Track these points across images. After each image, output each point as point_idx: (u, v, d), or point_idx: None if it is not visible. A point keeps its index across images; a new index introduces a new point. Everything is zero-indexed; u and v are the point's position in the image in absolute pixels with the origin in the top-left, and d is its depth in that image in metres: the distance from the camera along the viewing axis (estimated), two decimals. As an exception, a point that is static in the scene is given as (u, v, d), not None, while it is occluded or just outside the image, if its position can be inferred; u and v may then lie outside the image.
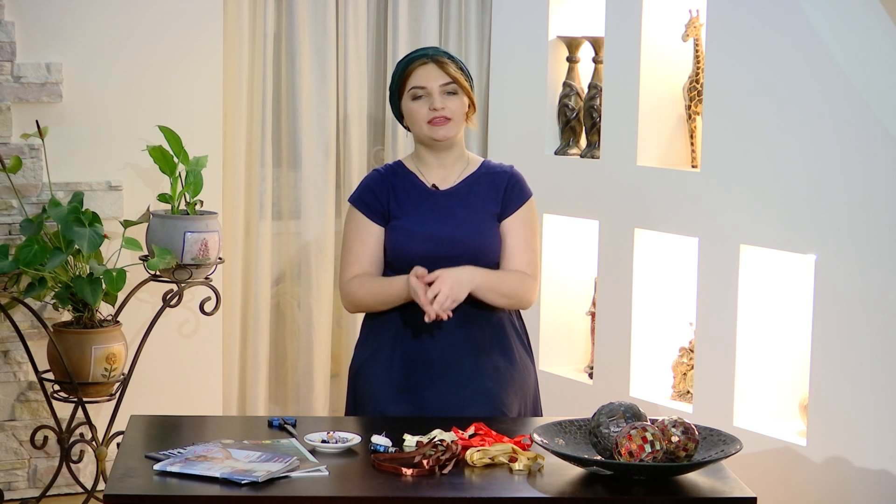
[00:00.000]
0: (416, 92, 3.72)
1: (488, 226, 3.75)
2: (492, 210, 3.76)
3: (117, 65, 4.91)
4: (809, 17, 4.15)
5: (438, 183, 3.78)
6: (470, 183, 3.78)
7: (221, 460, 3.10)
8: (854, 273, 4.05)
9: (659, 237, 4.78)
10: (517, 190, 3.81)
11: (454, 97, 3.72)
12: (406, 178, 3.78)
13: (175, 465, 3.07)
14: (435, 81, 3.71)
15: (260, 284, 5.27)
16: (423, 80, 3.71)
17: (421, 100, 3.72)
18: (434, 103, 3.69)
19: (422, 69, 3.72)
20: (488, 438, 3.27)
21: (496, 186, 3.78)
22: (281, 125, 5.34)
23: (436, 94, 3.70)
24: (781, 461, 4.25)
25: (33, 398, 4.86)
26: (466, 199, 3.76)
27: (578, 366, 5.25)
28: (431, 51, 3.78)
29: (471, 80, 3.79)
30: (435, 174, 3.78)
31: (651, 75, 4.75)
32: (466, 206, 3.74)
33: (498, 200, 3.77)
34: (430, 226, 3.72)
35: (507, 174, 3.82)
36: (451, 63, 3.74)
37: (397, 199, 3.76)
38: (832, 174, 4.11)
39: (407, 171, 3.80)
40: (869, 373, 4.02)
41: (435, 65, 3.72)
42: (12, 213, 4.76)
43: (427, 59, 3.73)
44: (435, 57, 3.74)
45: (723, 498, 2.99)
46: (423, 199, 3.75)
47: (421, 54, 3.76)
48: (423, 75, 3.72)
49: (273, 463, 3.09)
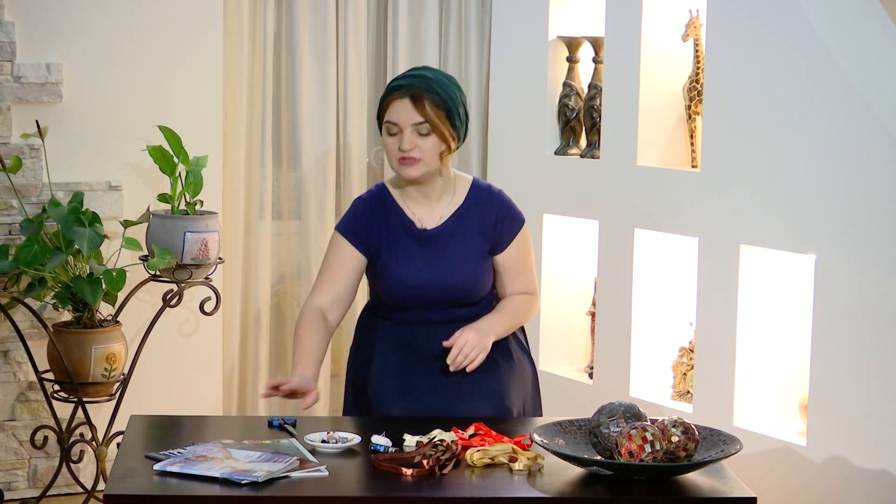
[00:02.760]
0: (389, 127, 3.59)
1: (479, 264, 3.70)
2: (482, 247, 3.70)
3: (117, 65, 4.91)
4: (809, 17, 4.15)
5: (425, 219, 3.69)
6: (457, 218, 3.69)
7: (221, 460, 3.11)
8: (854, 273, 4.05)
9: (659, 237, 4.78)
10: (508, 221, 3.72)
11: (426, 137, 3.57)
12: (394, 213, 3.69)
13: (175, 464, 3.07)
14: (407, 119, 3.56)
15: (260, 284, 5.27)
16: (396, 117, 3.57)
17: (394, 136, 3.59)
18: (403, 143, 3.57)
19: (398, 103, 3.57)
20: (488, 438, 3.28)
21: (484, 221, 3.69)
22: (281, 125, 5.34)
23: (406, 132, 3.57)
24: (781, 461, 4.25)
25: (33, 398, 4.86)
26: (455, 236, 3.68)
27: (578, 366, 5.25)
28: (414, 82, 3.58)
29: (453, 112, 3.60)
30: (420, 208, 3.70)
31: (651, 75, 4.75)
32: (455, 247, 3.67)
33: (488, 236, 3.70)
34: (421, 273, 3.66)
35: (495, 206, 3.70)
36: (428, 98, 3.56)
37: (386, 236, 3.68)
38: (832, 174, 4.11)
39: (393, 204, 3.70)
40: (869, 373, 4.02)
41: (411, 101, 3.56)
42: (12, 213, 4.76)
43: (404, 94, 3.57)
44: (413, 92, 3.56)
45: (723, 498, 2.99)
46: (410, 241, 3.68)
47: (400, 85, 3.59)
48: (397, 110, 3.58)
49: (273, 463, 3.09)
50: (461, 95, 3.65)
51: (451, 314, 3.70)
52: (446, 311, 3.70)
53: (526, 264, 3.76)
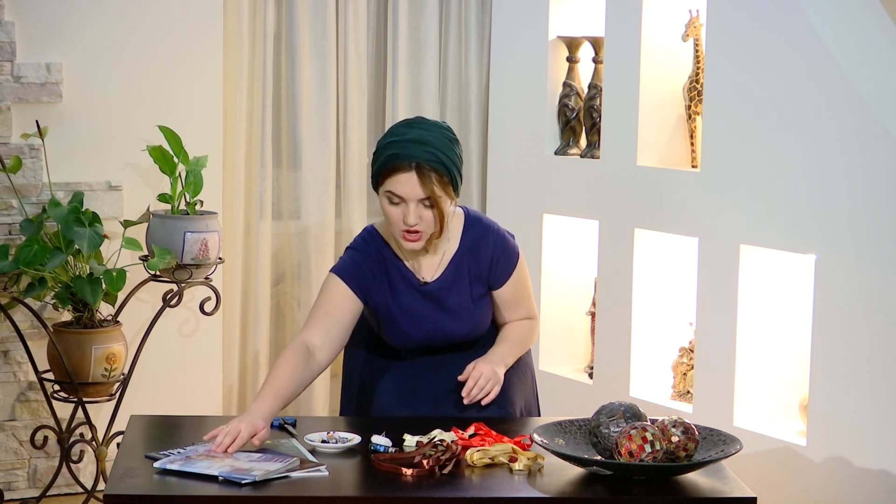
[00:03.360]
0: (391, 198, 3.47)
1: (479, 309, 3.68)
2: (479, 291, 3.67)
3: (117, 65, 4.91)
4: (809, 17, 4.15)
5: (424, 270, 3.65)
6: (455, 267, 3.64)
7: (221, 460, 3.11)
8: (854, 273, 4.05)
9: (659, 237, 4.78)
10: (503, 262, 3.67)
11: (430, 209, 3.47)
12: (395, 268, 3.64)
13: (175, 463, 3.07)
14: (413, 194, 3.45)
15: (260, 284, 5.27)
16: (401, 191, 3.45)
17: (397, 206, 3.47)
18: (408, 218, 3.47)
19: (402, 177, 3.44)
20: (488, 438, 3.28)
21: (480, 266, 3.65)
22: (281, 125, 5.34)
23: (412, 206, 3.46)
24: (781, 461, 4.25)
25: (33, 398, 4.86)
26: (453, 286, 3.65)
27: (578, 366, 5.25)
28: (417, 152, 3.45)
29: (455, 177, 3.50)
30: (418, 260, 3.65)
31: (651, 75, 4.75)
32: (454, 296, 3.65)
33: (484, 279, 3.67)
34: (424, 323, 3.65)
35: (489, 248, 3.65)
36: (434, 173, 3.45)
37: (388, 288, 3.64)
38: (832, 174, 4.11)
39: (392, 258, 3.62)
40: (868, 373, 4.02)
41: (417, 175, 3.43)
42: (12, 213, 4.76)
43: (411, 167, 3.43)
44: (420, 166, 3.43)
45: (723, 498, 2.99)
46: (413, 294, 3.64)
47: (403, 155, 3.45)
48: (402, 184, 3.45)
49: (273, 463, 3.09)
50: (459, 150, 3.54)
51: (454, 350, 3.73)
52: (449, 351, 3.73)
53: (524, 294, 3.74)
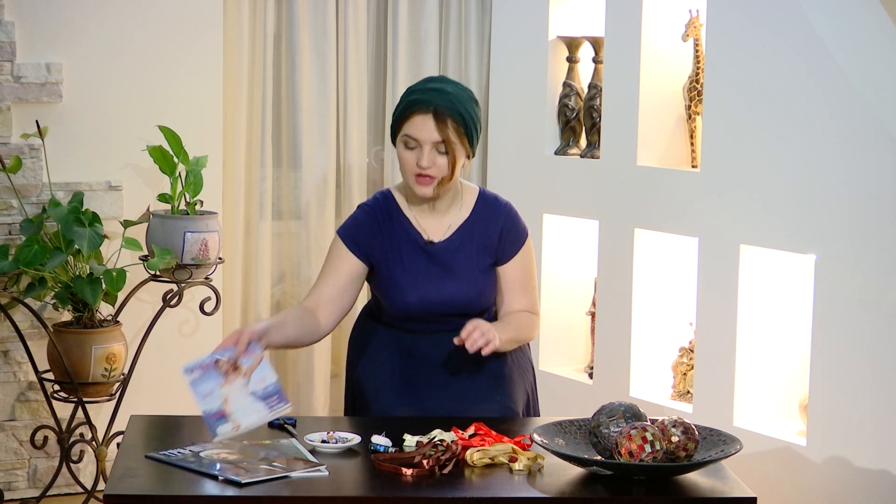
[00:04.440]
0: (408, 141, 3.55)
1: (484, 277, 3.68)
2: (486, 261, 3.68)
3: (117, 65, 4.92)
4: (809, 17, 4.15)
5: (432, 231, 3.67)
6: (464, 231, 3.67)
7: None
8: (854, 273, 4.05)
9: (659, 237, 4.78)
10: (513, 235, 3.70)
11: (444, 155, 3.54)
12: (400, 224, 3.66)
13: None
14: (428, 137, 3.52)
15: (260, 284, 5.27)
16: (417, 132, 3.53)
17: (412, 151, 3.55)
18: (422, 160, 3.53)
19: (420, 119, 3.53)
20: (488, 438, 3.27)
21: (489, 237, 3.67)
22: (281, 125, 5.34)
23: (426, 150, 3.53)
24: (781, 461, 4.25)
25: (33, 398, 4.86)
26: (460, 251, 3.66)
27: (578, 366, 5.25)
28: (437, 99, 3.54)
29: (472, 131, 3.58)
30: (428, 220, 3.67)
31: (651, 75, 4.76)
32: (461, 260, 3.66)
33: (492, 251, 3.68)
34: (426, 284, 3.65)
35: (500, 219, 3.69)
36: (451, 119, 3.53)
37: (391, 247, 3.65)
38: (832, 174, 4.11)
39: (400, 215, 3.67)
40: (868, 373, 4.02)
41: (434, 119, 3.51)
42: (12, 213, 4.76)
43: (429, 110, 3.52)
44: (438, 111, 3.52)
45: (723, 498, 2.99)
46: (417, 253, 3.65)
47: (423, 101, 3.55)
48: (418, 126, 3.53)
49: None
50: (478, 110, 3.62)
51: (454, 324, 3.68)
52: (449, 322, 3.69)
53: (529, 282, 3.73)
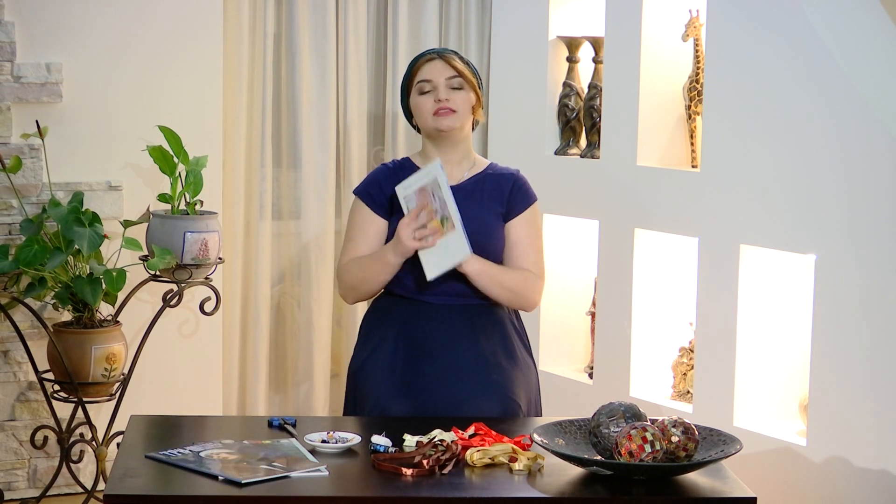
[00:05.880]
0: (422, 86, 3.87)
1: (494, 222, 3.84)
2: (497, 209, 3.86)
3: (117, 65, 4.91)
4: (809, 17, 4.15)
5: None
6: (476, 181, 3.89)
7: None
8: (854, 273, 4.05)
9: (659, 237, 4.78)
10: (522, 192, 3.92)
11: (459, 91, 3.86)
12: (411, 172, 3.82)
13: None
14: (440, 75, 3.85)
15: (260, 284, 5.27)
16: (429, 74, 3.86)
17: (427, 94, 3.86)
18: (439, 95, 3.83)
19: (428, 65, 3.88)
20: (488, 438, 3.28)
21: (501, 188, 3.88)
22: (281, 125, 5.34)
23: (441, 87, 3.84)
24: (781, 461, 4.25)
25: (33, 398, 4.86)
26: (472, 195, 3.85)
27: (578, 366, 5.25)
28: (440, 49, 3.94)
29: (479, 77, 3.92)
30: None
31: (651, 75, 4.76)
32: (472, 206, 3.82)
33: (503, 201, 3.87)
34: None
35: (512, 176, 3.93)
36: (457, 59, 3.89)
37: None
38: (832, 174, 4.11)
39: (414, 167, 3.88)
40: (869, 373, 4.02)
41: (441, 60, 3.88)
42: (12, 213, 4.76)
43: (434, 56, 3.89)
44: (442, 54, 3.90)
45: (723, 498, 2.99)
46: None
47: (429, 52, 3.94)
48: (429, 70, 3.87)
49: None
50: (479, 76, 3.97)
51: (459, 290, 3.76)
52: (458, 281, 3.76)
53: (533, 243, 3.88)
